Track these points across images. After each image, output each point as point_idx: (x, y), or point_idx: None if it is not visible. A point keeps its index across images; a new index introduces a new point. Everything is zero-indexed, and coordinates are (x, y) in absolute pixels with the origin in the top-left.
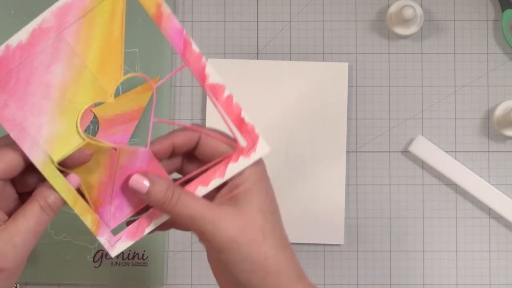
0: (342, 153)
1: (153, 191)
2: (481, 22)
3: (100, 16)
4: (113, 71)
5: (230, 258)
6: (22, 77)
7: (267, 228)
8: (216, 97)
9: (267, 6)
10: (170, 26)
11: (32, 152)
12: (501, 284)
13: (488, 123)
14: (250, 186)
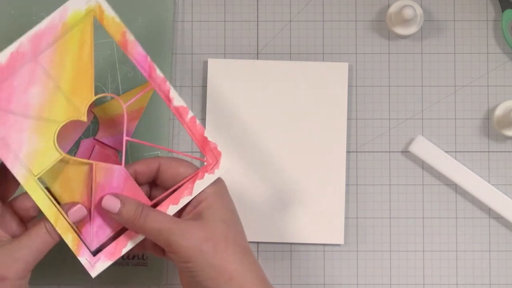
0: (342, 153)
1: (124, 210)
2: (481, 22)
3: (71, 42)
4: (84, 91)
5: (196, 266)
6: (4, 96)
7: (229, 237)
8: (181, 119)
9: (267, 6)
10: (136, 52)
11: (14, 166)
12: (501, 284)
13: (488, 123)
14: (212, 201)
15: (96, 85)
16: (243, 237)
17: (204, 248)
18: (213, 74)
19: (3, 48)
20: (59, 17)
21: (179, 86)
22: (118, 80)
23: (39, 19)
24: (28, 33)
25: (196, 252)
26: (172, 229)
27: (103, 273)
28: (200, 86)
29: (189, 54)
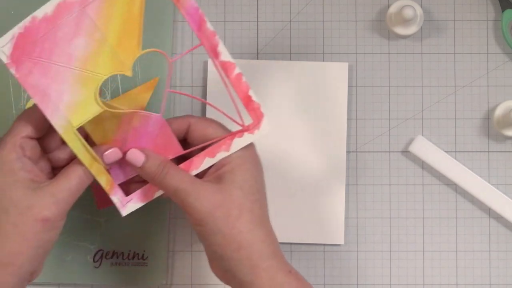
0: (342, 153)
1: (146, 165)
2: (481, 22)
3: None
4: (131, 46)
5: (205, 230)
6: (47, 47)
7: (245, 205)
8: (227, 74)
9: (267, 6)
10: (188, 3)
11: (53, 116)
12: (501, 284)
13: (488, 123)
14: (234, 166)
15: None
16: (261, 206)
17: (216, 214)
18: (213, 74)
19: None
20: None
21: (179, 86)
22: (118, 80)
23: None
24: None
25: (208, 216)
26: (188, 190)
27: (103, 273)
28: (200, 86)
29: (189, 54)
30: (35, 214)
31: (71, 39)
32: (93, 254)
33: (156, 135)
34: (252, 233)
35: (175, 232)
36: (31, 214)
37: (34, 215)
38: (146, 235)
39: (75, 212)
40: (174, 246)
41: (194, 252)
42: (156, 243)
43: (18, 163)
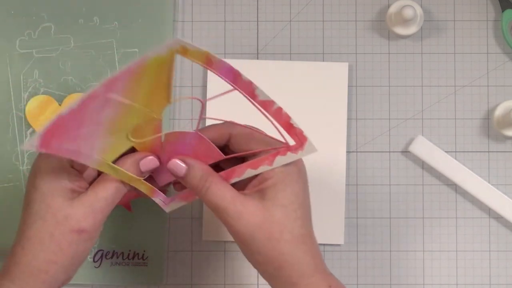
0: (342, 153)
1: (189, 176)
2: (481, 22)
3: (147, 75)
4: (161, 100)
5: (247, 249)
6: (74, 125)
7: (286, 224)
8: (266, 110)
9: (267, 6)
10: (222, 68)
11: (87, 161)
12: (501, 284)
13: (488, 123)
14: (277, 181)
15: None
16: (303, 223)
17: (257, 235)
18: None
19: (2, 48)
20: (136, 65)
21: (179, 86)
22: None
23: (39, 19)
24: (102, 81)
25: (249, 238)
26: (229, 210)
27: (103, 273)
28: (200, 86)
29: None
30: (72, 225)
31: (98, 114)
32: (93, 254)
33: (195, 144)
34: (292, 253)
35: (175, 232)
36: (68, 225)
37: (71, 226)
38: (146, 235)
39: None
40: (174, 246)
41: (194, 252)
42: (156, 243)
43: (65, 172)
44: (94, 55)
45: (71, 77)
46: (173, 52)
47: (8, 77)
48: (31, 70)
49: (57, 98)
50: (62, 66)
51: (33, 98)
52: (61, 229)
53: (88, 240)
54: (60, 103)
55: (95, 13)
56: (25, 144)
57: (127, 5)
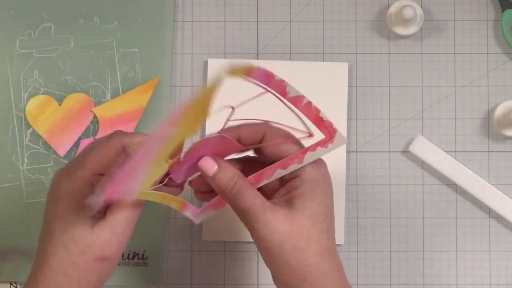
0: (342, 153)
1: (218, 175)
2: (481, 22)
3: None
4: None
5: (272, 259)
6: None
7: (313, 235)
8: (296, 106)
9: (267, 6)
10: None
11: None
12: (501, 284)
13: (488, 123)
14: (305, 191)
15: (96, 85)
16: (329, 235)
17: (284, 245)
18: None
19: (2, 48)
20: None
21: (179, 86)
22: (118, 80)
23: (39, 19)
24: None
25: (275, 246)
26: (257, 216)
27: None
28: (200, 86)
29: (189, 54)
30: (96, 253)
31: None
32: None
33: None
34: (318, 266)
35: (175, 232)
36: (92, 253)
37: (95, 254)
38: (146, 235)
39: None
40: (174, 246)
41: (194, 252)
42: (156, 243)
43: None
44: (94, 55)
45: (71, 77)
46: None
47: (8, 77)
48: (31, 70)
49: (57, 98)
50: (62, 66)
51: (33, 98)
52: (85, 258)
53: (111, 265)
54: (60, 103)
55: (95, 13)
56: (89, 201)
57: (127, 5)
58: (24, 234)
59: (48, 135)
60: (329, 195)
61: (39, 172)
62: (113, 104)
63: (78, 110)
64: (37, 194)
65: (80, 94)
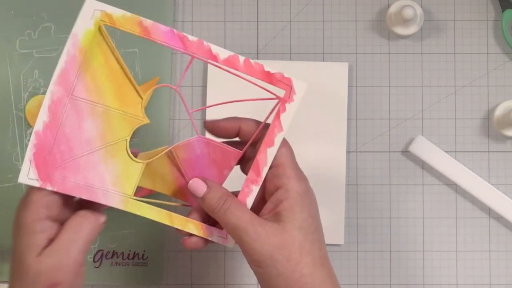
0: (342, 153)
1: (208, 196)
2: (481, 22)
3: (96, 61)
4: (131, 97)
5: (265, 273)
6: (63, 148)
7: (305, 246)
8: (235, 67)
9: (267, 6)
10: (160, 33)
11: (108, 200)
12: (501, 284)
13: (488, 123)
14: (293, 203)
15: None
16: (320, 245)
17: (277, 257)
18: (213, 74)
19: (2, 48)
20: (73, 46)
21: (179, 86)
22: None
23: (39, 19)
24: (52, 78)
25: (268, 258)
26: (248, 230)
27: (103, 273)
28: (200, 86)
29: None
30: (46, 281)
31: (79, 127)
32: (93, 254)
33: (207, 152)
34: (313, 276)
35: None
36: (42, 282)
37: (46, 283)
38: (146, 235)
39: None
40: (174, 246)
41: (194, 252)
42: (156, 243)
43: (39, 225)
44: None
45: None
46: (99, 23)
47: (8, 77)
48: (31, 70)
49: None
50: None
51: (33, 98)
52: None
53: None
54: None
55: None
56: (21, 178)
57: (127, 5)
58: None
59: None
60: (315, 208)
61: None
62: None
63: None
64: None
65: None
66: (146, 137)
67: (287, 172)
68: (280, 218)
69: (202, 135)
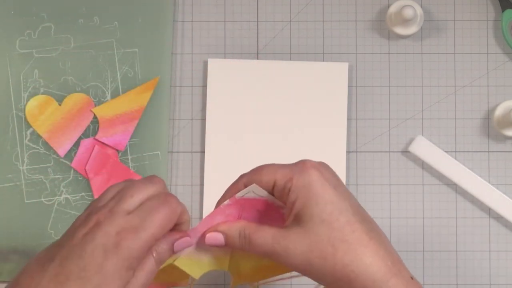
0: (342, 153)
1: (229, 241)
2: (481, 22)
3: None
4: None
5: (311, 277)
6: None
7: (335, 237)
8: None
9: (267, 6)
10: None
11: (179, 249)
12: (501, 284)
13: (488, 123)
14: (304, 199)
15: (96, 85)
16: (355, 227)
17: (312, 261)
18: (213, 74)
19: (2, 48)
20: None
21: (179, 86)
22: (118, 80)
23: (39, 19)
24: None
25: (306, 266)
26: (276, 250)
27: None
28: (200, 86)
29: (189, 54)
30: None
31: None
32: None
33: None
34: (356, 262)
35: None
36: None
37: None
38: None
39: (75, 212)
40: None
41: None
42: None
43: (136, 263)
44: (94, 55)
45: (71, 77)
46: None
47: (8, 77)
48: (31, 70)
49: (57, 98)
50: (62, 66)
51: (33, 98)
52: None
53: None
54: (60, 103)
55: (95, 13)
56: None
57: (127, 5)
58: (24, 234)
59: (48, 135)
60: (332, 188)
61: (39, 172)
62: (113, 104)
63: (78, 110)
64: (37, 194)
65: (80, 94)
66: (146, 137)
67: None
68: (300, 220)
69: None
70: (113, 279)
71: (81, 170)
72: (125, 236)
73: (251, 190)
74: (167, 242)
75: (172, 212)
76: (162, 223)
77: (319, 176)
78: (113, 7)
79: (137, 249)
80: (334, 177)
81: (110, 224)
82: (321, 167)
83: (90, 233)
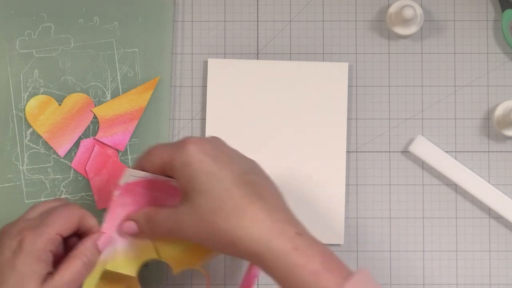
0: (342, 153)
1: (140, 227)
2: (481, 22)
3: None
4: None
5: (209, 246)
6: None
7: (215, 205)
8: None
9: (267, 6)
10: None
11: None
12: (501, 284)
13: (488, 123)
14: (187, 176)
15: (96, 85)
16: (231, 192)
17: (201, 232)
18: (213, 74)
19: (2, 48)
20: None
21: (179, 86)
22: (118, 80)
23: (39, 19)
24: None
25: (198, 238)
26: (173, 227)
27: None
28: (200, 86)
29: (189, 54)
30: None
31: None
32: None
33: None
34: (235, 227)
35: None
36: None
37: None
38: None
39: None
40: None
41: None
42: None
43: (45, 256)
44: (94, 55)
45: (71, 77)
46: None
47: (8, 77)
48: (31, 70)
49: (57, 98)
50: (62, 66)
51: (33, 98)
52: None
53: None
54: (60, 103)
55: (95, 13)
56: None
57: (127, 5)
58: None
59: (48, 135)
60: (210, 162)
61: (39, 172)
62: (113, 104)
63: (78, 110)
64: (37, 194)
65: (80, 94)
66: (146, 137)
67: (168, 156)
68: (188, 194)
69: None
70: (29, 274)
71: (81, 170)
72: (25, 233)
73: (128, 174)
74: (90, 241)
75: (69, 210)
76: (61, 219)
77: (197, 151)
78: (113, 7)
79: (39, 242)
80: (216, 149)
81: (12, 229)
82: (201, 141)
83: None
